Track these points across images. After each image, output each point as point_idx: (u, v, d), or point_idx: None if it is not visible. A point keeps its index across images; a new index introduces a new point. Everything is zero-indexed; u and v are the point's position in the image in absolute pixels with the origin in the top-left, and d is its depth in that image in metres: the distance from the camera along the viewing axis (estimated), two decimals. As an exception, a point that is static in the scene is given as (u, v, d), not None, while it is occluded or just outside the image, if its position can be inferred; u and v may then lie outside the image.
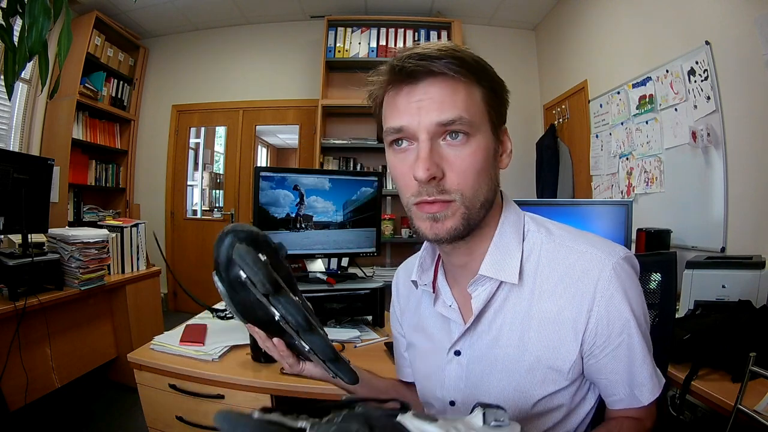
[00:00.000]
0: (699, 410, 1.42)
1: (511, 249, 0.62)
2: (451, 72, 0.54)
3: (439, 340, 0.69)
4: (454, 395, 0.67)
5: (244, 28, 4.17)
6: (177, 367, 1.18)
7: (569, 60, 3.43)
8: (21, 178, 1.90)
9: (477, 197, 0.58)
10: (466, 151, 0.56)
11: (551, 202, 2.75)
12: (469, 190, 0.57)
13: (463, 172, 0.56)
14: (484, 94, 0.58)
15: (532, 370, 0.60)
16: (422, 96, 0.55)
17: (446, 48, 0.55)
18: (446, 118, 0.55)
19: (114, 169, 4.05)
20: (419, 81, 0.55)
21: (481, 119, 0.57)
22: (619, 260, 0.59)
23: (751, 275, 1.48)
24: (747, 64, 1.82)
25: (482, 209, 0.59)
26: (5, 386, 1.75)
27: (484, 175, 0.58)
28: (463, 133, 0.56)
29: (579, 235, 0.63)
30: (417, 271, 0.71)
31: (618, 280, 0.58)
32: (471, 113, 0.56)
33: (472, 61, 0.56)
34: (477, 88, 0.57)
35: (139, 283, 2.49)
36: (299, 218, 1.52)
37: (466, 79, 0.56)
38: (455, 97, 0.55)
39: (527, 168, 3.65)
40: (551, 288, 0.60)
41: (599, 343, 0.59)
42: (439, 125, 0.55)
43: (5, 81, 1.58)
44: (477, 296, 0.63)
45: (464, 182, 0.56)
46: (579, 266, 0.59)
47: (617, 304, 0.58)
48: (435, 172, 0.55)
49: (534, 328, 0.60)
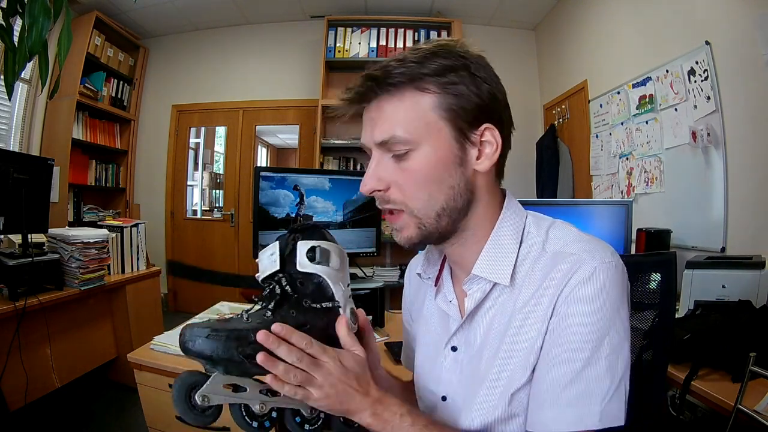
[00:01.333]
0: (699, 410, 1.42)
1: (506, 250, 0.61)
2: (395, 88, 0.57)
3: (438, 334, 0.70)
4: (446, 390, 0.67)
5: (244, 28, 4.17)
6: (177, 367, 1.18)
7: (569, 60, 3.43)
8: (21, 178, 1.90)
9: (429, 207, 0.59)
10: (407, 165, 0.58)
11: (551, 202, 2.75)
12: (416, 202, 0.59)
13: (404, 185, 0.58)
14: (440, 101, 0.56)
15: (512, 371, 0.59)
16: (370, 115, 0.59)
17: (399, 62, 0.57)
18: (378, 138, 0.58)
19: (114, 169, 4.05)
20: (371, 100, 0.59)
21: (426, 131, 0.57)
22: (601, 264, 0.55)
23: (751, 275, 1.48)
24: (747, 64, 1.82)
25: (442, 218, 0.59)
26: (5, 386, 1.75)
27: (434, 185, 0.58)
28: (401, 149, 0.57)
29: (575, 238, 0.60)
30: (423, 263, 0.72)
31: (592, 283, 0.55)
32: (410, 129, 0.56)
33: (426, 70, 0.56)
34: (428, 97, 0.56)
35: (139, 283, 2.49)
36: (299, 218, 1.52)
37: (411, 93, 0.57)
38: (394, 115, 0.57)
39: (527, 168, 3.65)
40: (533, 290, 0.59)
41: (547, 342, 0.56)
42: (376, 144, 0.59)
43: (5, 81, 1.59)
44: (471, 294, 0.63)
45: (408, 194, 0.59)
46: (560, 268, 0.57)
47: (580, 305, 0.54)
48: (375, 185, 0.59)
49: (513, 330, 0.59)
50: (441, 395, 0.68)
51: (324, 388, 0.56)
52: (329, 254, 0.61)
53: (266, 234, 1.47)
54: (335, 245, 0.63)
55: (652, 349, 0.91)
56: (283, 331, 0.55)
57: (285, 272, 0.60)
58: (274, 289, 0.59)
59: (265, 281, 0.61)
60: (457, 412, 0.64)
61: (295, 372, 0.54)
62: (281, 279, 0.59)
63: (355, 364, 0.59)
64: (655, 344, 0.90)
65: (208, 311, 1.67)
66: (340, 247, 0.64)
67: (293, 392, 0.55)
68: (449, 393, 0.67)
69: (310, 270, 0.60)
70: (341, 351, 0.59)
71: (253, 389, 0.56)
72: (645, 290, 0.90)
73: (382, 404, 0.58)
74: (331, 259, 0.61)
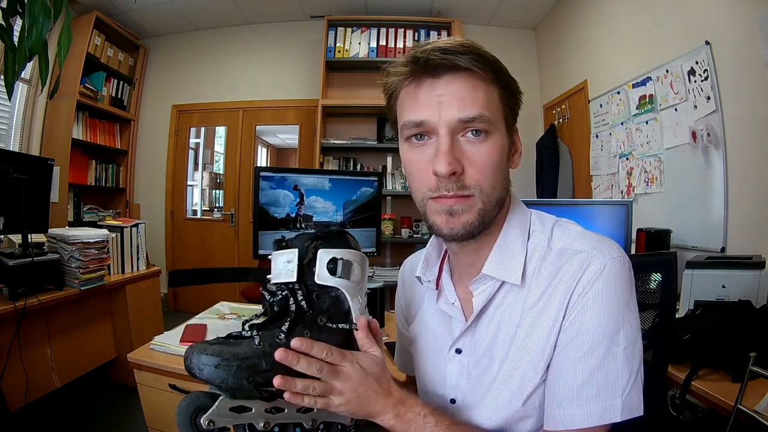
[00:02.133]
0: (699, 410, 1.42)
1: (515, 249, 0.62)
2: (474, 68, 0.55)
3: (441, 337, 0.69)
4: (455, 393, 0.66)
5: (244, 28, 4.17)
6: (177, 367, 1.18)
7: (569, 60, 3.43)
8: (21, 178, 1.90)
9: (494, 194, 0.58)
10: (486, 149, 0.56)
11: (551, 202, 2.74)
12: (488, 186, 0.57)
13: (482, 168, 0.56)
14: (501, 93, 0.58)
15: (524, 370, 0.59)
16: (444, 91, 0.55)
17: (468, 44, 0.56)
18: (468, 115, 0.55)
19: (114, 169, 4.05)
20: (441, 75, 0.55)
21: (498, 118, 0.58)
22: (611, 259, 0.56)
23: (751, 275, 1.48)
24: (747, 64, 1.82)
25: (497, 206, 0.60)
26: (5, 386, 1.75)
27: (500, 172, 0.59)
28: (483, 131, 0.56)
29: (581, 235, 0.61)
30: (422, 267, 0.71)
31: (603, 278, 0.55)
32: (490, 111, 0.56)
33: (492, 60, 0.57)
34: (495, 87, 0.58)
35: (139, 283, 2.49)
36: (299, 218, 1.52)
37: (486, 77, 0.56)
38: (476, 94, 0.56)
39: (527, 168, 3.65)
40: (543, 289, 0.59)
41: (562, 341, 0.57)
42: (460, 121, 0.55)
43: (5, 81, 1.58)
44: (479, 294, 0.62)
45: (483, 178, 0.57)
46: (570, 265, 0.57)
47: (594, 301, 0.55)
48: (456, 167, 0.55)
49: (524, 329, 0.59)
50: (450, 398, 0.67)
51: (345, 394, 0.54)
52: (351, 267, 0.58)
53: (266, 234, 1.47)
54: (358, 253, 0.60)
55: (652, 349, 0.91)
56: (303, 345, 0.53)
57: (302, 283, 0.57)
58: (288, 302, 0.55)
59: (277, 285, 0.58)
60: (469, 413, 0.64)
61: (314, 384, 0.53)
62: (296, 292, 0.56)
63: (374, 365, 0.57)
64: (655, 344, 0.90)
65: (208, 311, 1.67)
66: (362, 255, 0.61)
67: (312, 402, 0.53)
68: (458, 396, 0.66)
69: (330, 284, 0.57)
70: (359, 354, 0.58)
71: (259, 408, 0.54)
72: (645, 290, 0.91)
73: (404, 405, 0.57)
74: (352, 272, 0.58)
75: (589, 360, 0.54)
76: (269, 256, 0.62)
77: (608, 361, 0.54)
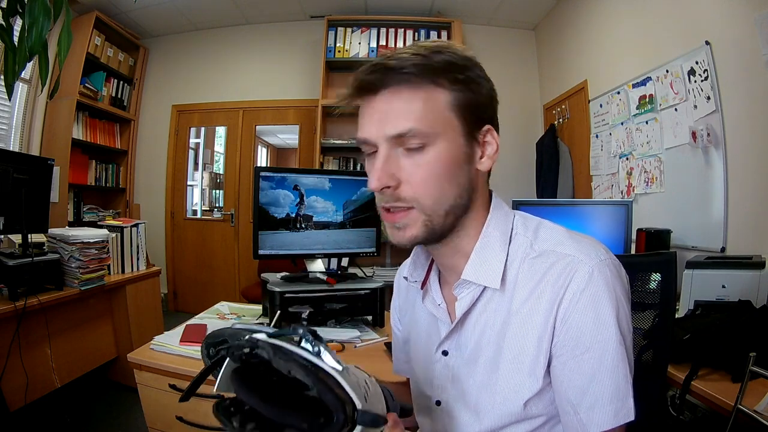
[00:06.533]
0: (699, 410, 1.42)
1: (494, 253, 0.61)
2: (410, 80, 0.54)
3: (429, 338, 0.69)
4: (440, 395, 0.66)
5: (244, 28, 4.17)
6: (177, 367, 1.18)
7: (569, 60, 3.43)
8: (21, 178, 1.90)
9: (439, 205, 0.57)
10: (423, 160, 0.56)
11: (551, 202, 2.75)
12: (428, 199, 0.56)
13: (418, 182, 0.56)
14: (453, 97, 0.56)
15: (509, 375, 0.59)
16: (381, 106, 0.56)
17: (410, 53, 0.55)
18: (395, 131, 0.55)
19: (114, 169, 4.05)
20: (378, 92, 0.56)
21: (443, 126, 0.56)
22: (598, 263, 0.56)
23: (751, 275, 1.48)
24: (747, 64, 1.82)
25: (449, 216, 0.58)
26: (5, 386, 1.75)
27: (447, 181, 0.57)
28: (419, 143, 0.55)
29: (565, 238, 0.60)
30: (409, 267, 0.71)
31: (593, 284, 0.55)
32: (427, 122, 0.55)
33: (439, 65, 0.55)
34: (442, 93, 0.56)
35: (139, 283, 2.49)
36: (299, 218, 1.52)
37: (427, 86, 0.55)
38: (410, 106, 0.55)
39: (527, 168, 3.64)
40: (528, 293, 0.58)
41: (559, 349, 0.57)
42: (392, 137, 0.55)
43: (5, 81, 1.59)
44: (461, 299, 0.62)
45: (420, 191, 0.56)
46: (555, 269, 0.57)
47: (587, 309, 0.55)
48: (387, 181, 0.56)
49: (510, 333, 0.59)
50: (435, 400, 0.67)
51: None
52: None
53: (266, 234, 1.47)
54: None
55: (652, 349, 0.91)
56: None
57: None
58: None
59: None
60: (453, 417, 0.64)
61: None
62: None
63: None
64: (655, 344, 0.90)
65: (208, 311, 1.67)
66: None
67: None
68: (443, 398, 0.66)
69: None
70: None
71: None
72: (645, 290, 0.91)
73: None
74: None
75: (591, 367, 0.55)
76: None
77: (611, 366, 0.55)
